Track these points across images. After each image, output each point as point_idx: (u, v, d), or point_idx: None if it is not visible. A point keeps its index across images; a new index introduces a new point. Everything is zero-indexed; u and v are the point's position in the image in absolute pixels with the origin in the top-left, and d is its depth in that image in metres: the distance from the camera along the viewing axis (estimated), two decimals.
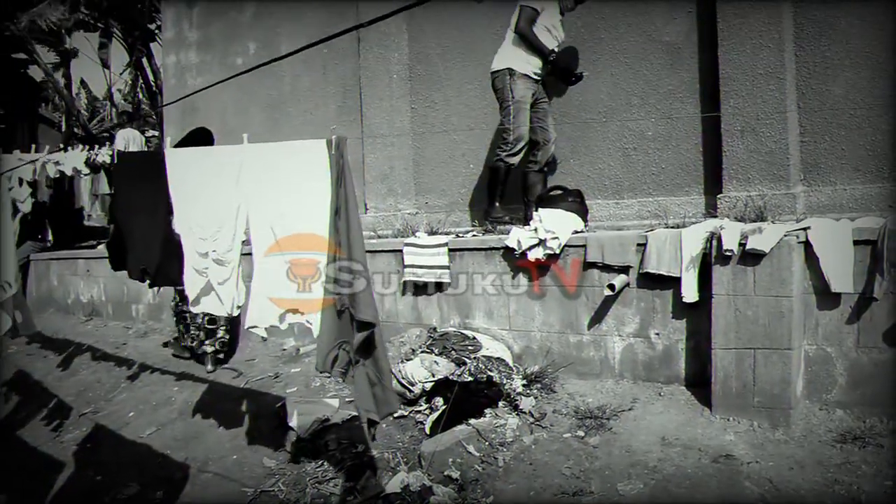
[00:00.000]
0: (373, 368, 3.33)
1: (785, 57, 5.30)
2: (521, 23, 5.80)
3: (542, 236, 5.08)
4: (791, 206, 5.21)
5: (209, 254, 3.79)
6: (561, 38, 6.00)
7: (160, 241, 4.01)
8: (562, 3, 5.95)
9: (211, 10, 9.78)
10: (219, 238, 3.75)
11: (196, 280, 3.86)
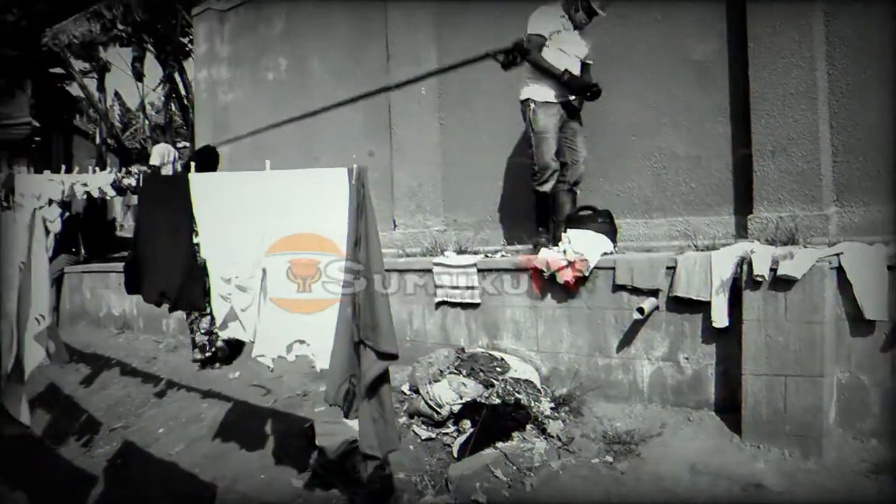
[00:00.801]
0: (377, 404, 3.32)
1: (817, 76, 5.24)
2: (532, 52, 5.80)
3: (571, 258, 5.06)
4: (823, 227, 5.14)
5: (231, 280, 3.81)
6: (583, 52, 5.93)
7: (182, 265, 4.03)
8: (574, 20, 5.85)
9: (241, 27, 9.90)
10: (240, 264, 3.77)
11: (222, 306, 3.88)
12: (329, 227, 3.42)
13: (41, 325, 4.07)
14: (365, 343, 3.23)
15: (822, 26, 5.31)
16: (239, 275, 3.78)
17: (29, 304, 4.03)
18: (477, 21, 7.19)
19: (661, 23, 6.05)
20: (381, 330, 3.20)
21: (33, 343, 4.06)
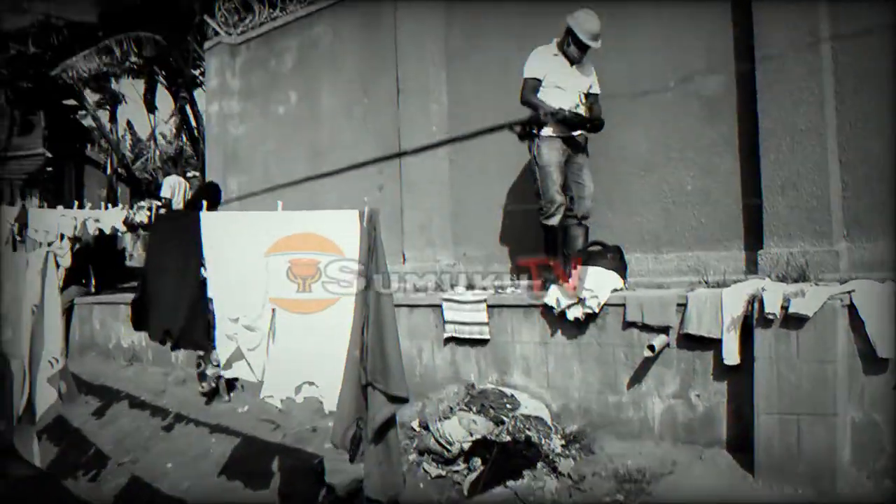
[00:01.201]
0: (383, 447, 3.31)
1: (825, 112, 5.24)
2: (523, 95, 5.91)
3: (581, 295, 5.06)
4: (834, 263, 5.12)
5: (239, 319, 3.82)
6: (584, 85, 5.98)
7: (188, 303, 4.04)
8: (568, 55, 5.90)
9: (253, 61, 10.01)
10: (248, 304, 3.78)
11: (227, 345, 3.88)
12: None
13: (54, 367, 4.10)
14: (374, 386, 3.22)
15: (831, 62, 5.32)
16: (247, 314, 3.78)
17: (42, 347, 4.05)
18: (487, 57, 7.26)
19: (670, 57, 6.09)
20: (391, 373, 3.19)
21: (46, 385, 4.08)
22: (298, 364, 3.71)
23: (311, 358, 3.66)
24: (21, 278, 4.08)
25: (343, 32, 8.74)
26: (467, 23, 7.48)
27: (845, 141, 5.28)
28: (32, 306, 4.02)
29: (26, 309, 3.99)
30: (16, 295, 4.03)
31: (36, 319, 4.03)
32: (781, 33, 5.33)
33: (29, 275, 4.10)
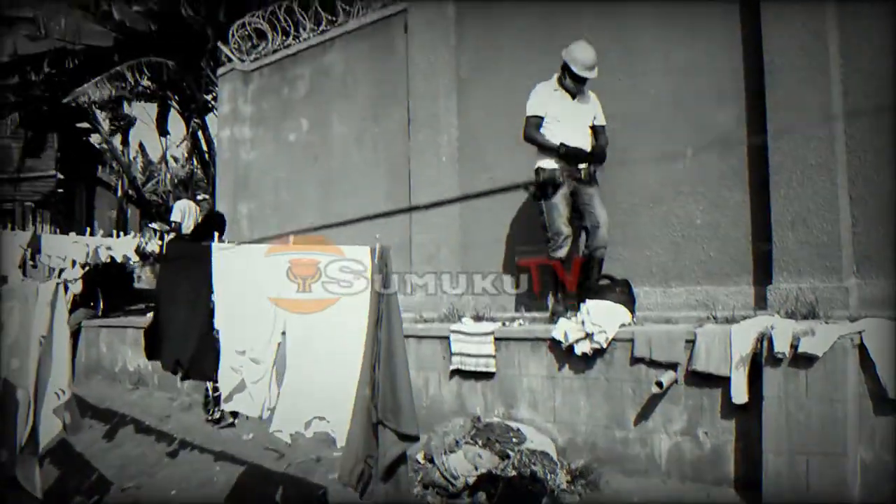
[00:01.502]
0: (393, 484, 3.29)
1: (836, 148, 5.24)
2: (525, 133, 6.00)
3: (588, 329, 5.04)
4: (843, 300, 5.09)
5: (246, 352, 3.82)
6: (587, 117, 6.02)
7: (197, 334, 4.05)
8: (568, 89, 5.95)
9: (265, 88, 10.09)
10: (256, 337, 3.78)
11: (231, 377, 3.88)
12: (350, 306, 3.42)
13: (60, 399, 4.09)
14: (385, 424, 3.21)
15: (841, 98, 5.33)
16: (253, 347, 3.78)
17: (48, 378, 4.05)
18: (496, 87, 7.30)
19: (680, 90, 6.10)
20: (402, 411, 3.19)
21: (51, 416, 4.08)
22: (308, 399, 3.70)
23: (321, 393, 3.64)
24: (30, 308, 4.09)
25: (355, 61, 8.81)
26: (477, 53, 7.53)
27: (855, 176, 5.27)
28: (40, 337, 4.02)
29: (34, 339, 3.99)
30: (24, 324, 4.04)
31: (43, 350, 4.04)
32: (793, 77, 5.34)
33: (38, 305, 4.10)
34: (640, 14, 6.35)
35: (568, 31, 6.51)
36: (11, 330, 4.03)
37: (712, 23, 5.96)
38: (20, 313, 4.01)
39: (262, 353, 3.77)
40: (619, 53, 6.42)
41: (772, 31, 5.47)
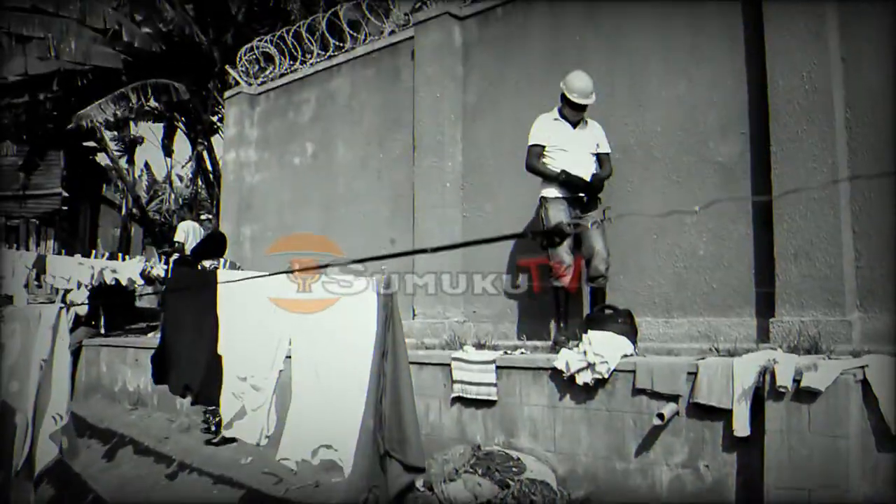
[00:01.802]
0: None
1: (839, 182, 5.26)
2: (527, 162, 6.11)
3: (591, 360, 5.03)
4: (847, 333, 5.08)
5: (247, 378, 3.82)
6: (590, 145, 6.07)
7: (206, 360, 4.05)
8: (567, 118, 6.05)
9: (271, 111, 10.16)
10: (258, 363, 3.79)
11: (232, 403, 3.89)
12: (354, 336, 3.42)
13: (58, 424, 4.09)
14: (391, 455, 3.20)
15: (845, 132, 5.36)
16: (255, 374, 3.79)
17: (47, 402, 4.05)
18: (501, 115, 7.36)
19: (685, 124, 6.14)
20: (409, 443, 3.18)
21: (48, 441, 4.06)
22: (315, 427, 3.70)
23: (327, 421, 3.64)
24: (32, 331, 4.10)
25: (361, 87, 8.89)
26: (483, 82, 7.60)
27: (859, 211, 5.28)
28: (41, 360, 4.02)
29: (35, 362, 3.99)
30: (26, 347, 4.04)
31: (44, 374, 4.04)
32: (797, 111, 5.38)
33: (40, 328, 4.11)
34: (646, 47, 6.42)
35: (573, 63, 6.59)
36: (12, 352, 4.03)
37: (717, 56, 6.01)
38: (22, 335, 4.02)
39: (263, 380, 3.77)
40: (624, 85, 6.49)
41: (776, 65, 5.51)
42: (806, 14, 5.41)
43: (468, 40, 7.77)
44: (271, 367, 3.73)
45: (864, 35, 5.33)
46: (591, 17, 6.81)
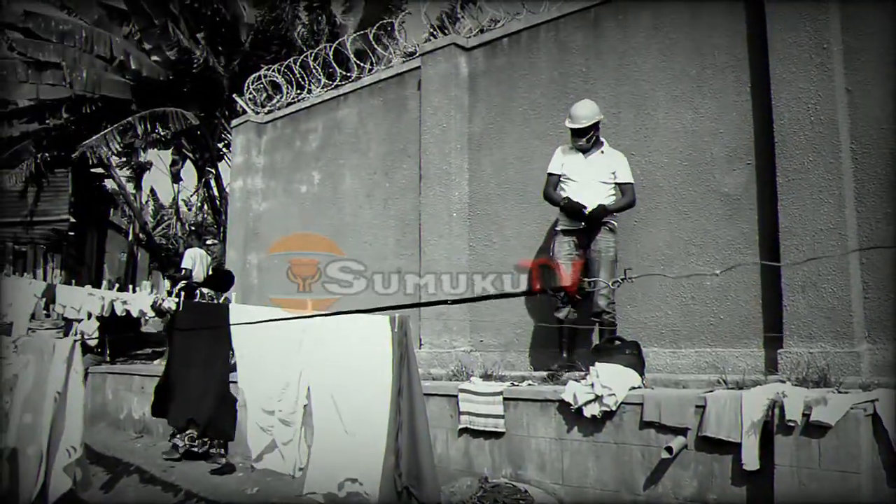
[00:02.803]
0: None
1: (846, 213, 5.25)
2: (544, 191, 6.31)
3: (598, 392, 5.02)
4: (855, 365, 5.06)
5: (275, 413, 3.83)
6: (601, 173, 6.10)
7: (215, 394, 4.06)
8: (576, 146, 6.15)
9: (278, 140, 10.23)
10: (283, 399, 3.80)
11: (260, 437, 3.89)
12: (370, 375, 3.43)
13: (71, 456, 4.09)
14: (410, 491, 3.21)
15: (851, 163, 5.37)
16: (283, 409, 3.79)
17: (61, 435, 4.05)
18: (507, 145, 7.40)
19: (691, 154, 6.17)
20: (425, 479, 3.20)
21: (61, 473, 4.07)
22: (338, 461, 3.69)
23: (350, 455, 3.64)
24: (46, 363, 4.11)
25: (368, 116, 8.94)
26: (489, 112, 7.64)
27: (866, 242, 5.28)
28: (55, 393, 4.03)
29: (49, 395, 4.00)
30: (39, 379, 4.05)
31: (58, 407, 4.05)
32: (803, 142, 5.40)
33: (54, 361, 4.12)
34: (651, 77, 6.46)
35: (579, 93, 6.68)
36: (26, 383, 4.05)
37: (723, 86, 6.05)
38: (36, 367, 4.03)
39: (290, 414, 3.79)
40: (630, 115, 6.54)
41: (781, 96, 5.54)
42: (810, 45, 5.44)
43: (474, 71, 7.83)
44: (296, 401, 3.74)
45: (868, 66, 5.36)
46: (597, 47, 6.86)
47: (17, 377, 4.11)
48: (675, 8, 6.39)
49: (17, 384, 4.10)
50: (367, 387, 3.46)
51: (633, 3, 6.63)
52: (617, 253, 6.10)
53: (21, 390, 4.08)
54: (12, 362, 4.14)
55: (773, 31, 5.64)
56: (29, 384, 4.07)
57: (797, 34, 5.51)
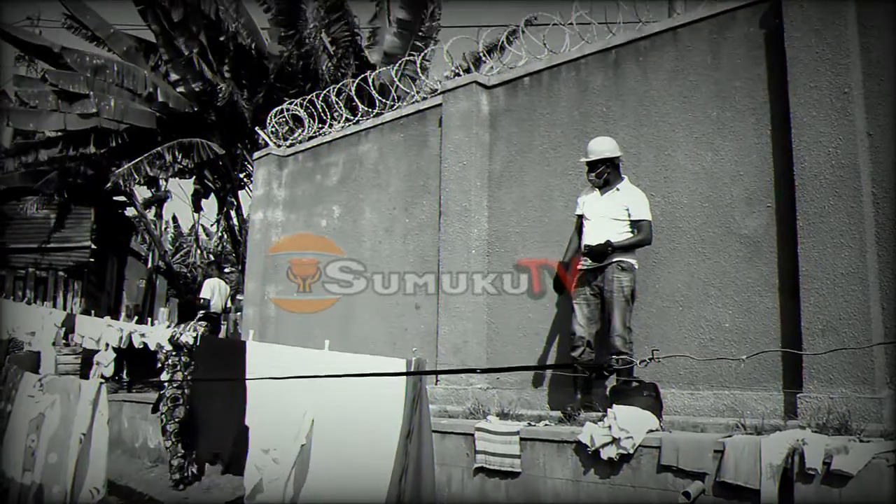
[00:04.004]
0: None
1: (867, 258, 5.24)
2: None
3: (615, 434, 4.99)
4: (877, 411, 5.00)
5: (269, 451, 3.83)
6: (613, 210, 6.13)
7: (234, 431, 4.08)
8: (592, 184, 6.27)
9: (299, 173, 10.31)
10: (280, 437, 3.80)
11: (253, 475, 3.89)
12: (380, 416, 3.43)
13: (94, 497, 4.11)
14: None
15: (872, 207, 5.37)
16: (277, 447, 3.80)
17: (85, 475, 4.08)
18: (527, 183, 7.44)
19: (711, 196, 6.17)
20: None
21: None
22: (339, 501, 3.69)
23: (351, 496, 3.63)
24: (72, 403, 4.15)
25: (388, 152, 9.02)
26: (509, 150, 7.70)
27: (887, 286, 5.26)
28: (80, 434, 4.07)
29: (75, 436, 4.04)
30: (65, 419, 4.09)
31: (83, 447, 4.08)
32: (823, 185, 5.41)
33: (81, 403, 4.16)
34: (672, 118, 6.49)
35: (599, 132, 6.71)
36: (52, 423, 4.09)
37: (743, 129, 6.08)
38: (61, 407, 4.07)
39: (284, 453, 3.77)
40: (650, 155, 6.57)
41: (802, 140, 5.56)
42: (831, 90, 5.47)
43: (495, 109, 7.90)
44: (294, 441, 3.73)
45: (890, 111, 5.37)
46: (617, 88, 6.91)
47: (43, 416, 4.15)
48: (696, 51, 6.44)
49: (43, 423, 4.14)
50: (375, 428, 3.46)
51: (654, 46, 6.69)
52: (633, 293, 6.08)
53: (47, 429, 4.12)
54: (39, 400, 4.19)
55: (793, 75, 5.67)
56: (55, 424, 4.11)
57: (818, 79, 5.54)
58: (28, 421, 4.19)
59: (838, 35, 5.51)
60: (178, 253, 30.76)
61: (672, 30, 6.64)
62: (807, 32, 5.65)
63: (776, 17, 5.92)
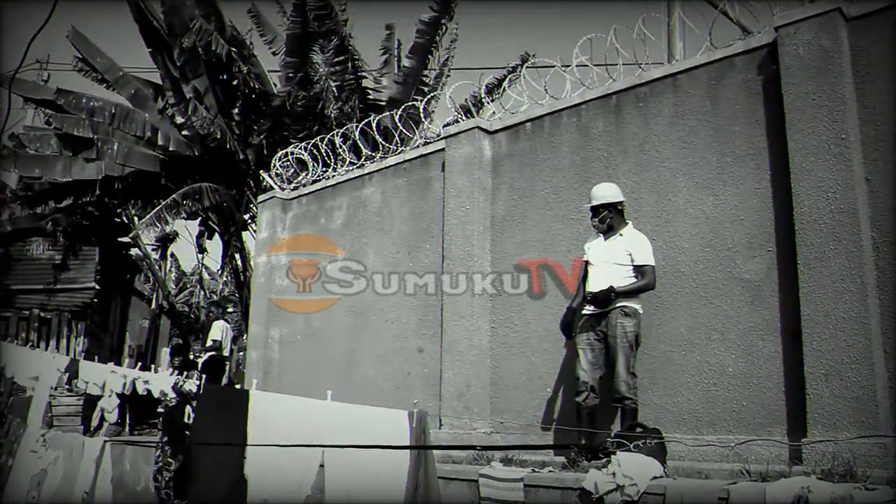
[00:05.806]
0: None
1: (869, 302, 5.26)
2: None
3: (620, 482, 4.97)
4: (883, 457, 4.97)
5: (267, 501, 3.83)
6: (613, 255, 6.18)
7: (229, 478, 4.07)
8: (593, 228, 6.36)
9: (304, 216, 10.37)
10: (279, 487, 3.80)
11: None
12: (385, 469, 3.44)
13: None
14: None
15: (872, 252, 5.41)
16: (277, 497, 3.79)
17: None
18: (529, 226, 7.50)
19: (712, 241, 6.22)
20: None
21: None
22: None
23: None
24: (75, 461, 4.15)
25: (391, 196, 9.09)
26: (512, 195, 7.77)
27: (890, 330, 5.27)
28: (83, 493, 4.06)
29: (77, 494, 4.03)
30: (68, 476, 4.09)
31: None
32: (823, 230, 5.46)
33: (84, 461, 4.16)
34: (672, 164, 6.56)
35: (600, 177, 6.79)
36: (54, 480, 4.08)
37: (743, 174, 6.14)
38: (64, 464, 4.07)
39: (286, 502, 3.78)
40: (651, 200, 6.62)
41: (801, 185, 5.61)
42: (828, 136, 5.54)
43: (497, 154, 7.99)
44: (297, 491, 3.73)
45: (887, 156, 5.44)
46: (618, 133, 6.99)
47: (45, 472, 4.14)
48: (695, 97, 6.53)
49: (45, 479, 4.13)
50: (381, 482, 3.46)
51: (654, 92, 6.79)
52: (637, 338, 6.09)
53: (49, 486, 4.11)
54: (42, 456, 4.18)
55: (791, 121, 5.75)
56: (57, 480, 4.11)
57: (815, 124, 5.61)
58: (30, 476, 4.18)
59: (834, 81, 5.60)
60: (181, 293, 30.81)
61: (672, 76, 6.75)
62: (803, 79, 5.74)
63: (773, 63, 6.02)
